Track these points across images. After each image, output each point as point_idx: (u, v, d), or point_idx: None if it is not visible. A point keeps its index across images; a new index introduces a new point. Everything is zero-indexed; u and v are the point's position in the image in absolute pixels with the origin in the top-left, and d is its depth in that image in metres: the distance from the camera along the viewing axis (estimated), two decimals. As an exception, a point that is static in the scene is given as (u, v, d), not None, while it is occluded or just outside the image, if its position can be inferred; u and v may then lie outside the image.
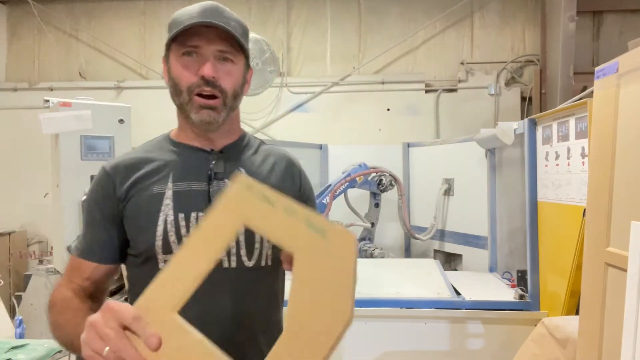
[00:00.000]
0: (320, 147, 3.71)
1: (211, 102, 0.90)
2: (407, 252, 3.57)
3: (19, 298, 3.51)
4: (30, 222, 4.36)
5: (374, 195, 3.29)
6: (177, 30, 0.88)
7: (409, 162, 3.63)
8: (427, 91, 4.15)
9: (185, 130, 0.99)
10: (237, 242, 0.92)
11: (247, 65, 0.99)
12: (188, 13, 0.90)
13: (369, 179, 3.17)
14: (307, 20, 4.26)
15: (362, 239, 3.26)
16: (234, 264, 0.92)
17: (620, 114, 1.17)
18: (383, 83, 4.18)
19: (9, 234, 4.06)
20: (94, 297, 0.93)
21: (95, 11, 4.44)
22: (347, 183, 3.03)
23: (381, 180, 3.18)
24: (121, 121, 2.86)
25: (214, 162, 0.96)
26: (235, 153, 1.00)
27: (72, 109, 2.72)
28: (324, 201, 2.89)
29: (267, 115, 4.22)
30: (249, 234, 0.93)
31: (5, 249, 4.00)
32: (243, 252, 0.92)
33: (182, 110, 0.94)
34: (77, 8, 4.44)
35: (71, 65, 4.48)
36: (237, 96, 0.95)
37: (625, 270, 0.92)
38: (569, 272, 1.97)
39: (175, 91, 0.92)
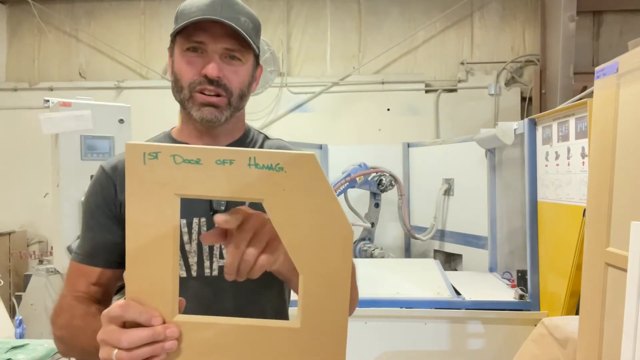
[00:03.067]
0: (320, 147, 3.71)
1: (214, 99, 0.86)
2: (407, 252, 3.57)
3: (19, 298, 3.51)
4: (30, 222, 4.36)
5: (374, 195, 3.29)
6: (181, 25, 0.83)
7: (409, 162, 3.63)
8: (427, 91, 4.15)
9: (187, 127, 0.93)
10: None
11: (257, 63, 0.94)
12: (196, 4, 0.85)
13: (369, 179, 3.17)
14: (307, 20, 4.26)
15: (362, 239, 3.26)
16: None
17: (620, 114, 1.17)
18: (383, 83, 4.18)
19: (9, 234, 4.06)
20: (103, 302, 0.88)
21: (95, 11, 4.44)
22: (347, 183, 3.03)
23: (381, 180, 3.18)
24: (121, 121, 2.86)
25: None
26: None
27: (72, 109, 2.72)
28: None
29: (267, 115, 4.22)
30: None
31: (5, 249, 4.01)
32: None
33: (184, 107, 0.89)
34: (77, 8, 4.44)
35: (71, 65, 4.48)
36: (243, 96, 0.90)
37: (625, 270, 0.92)
38: (569, 272, 1.97)
39: (177, 87, 0.88)
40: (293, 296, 0.84)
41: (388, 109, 4.16)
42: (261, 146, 0.99)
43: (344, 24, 4.25)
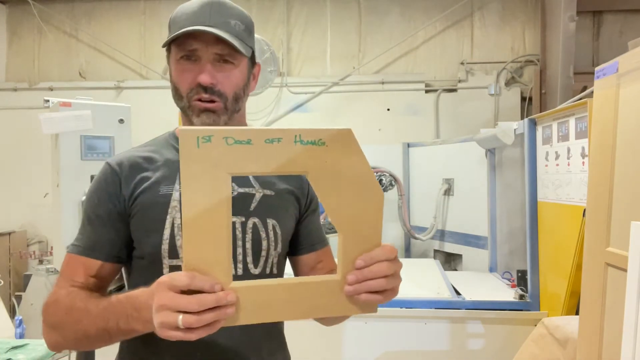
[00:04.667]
0: (320, 147, 3.70)
1: (211, 105, 0.88)
2: (407, 252, 3.57)
3: (19, 298, 3.52)
4: (30, 222, 4.36)
5: (374, 195, 3.28)
6: (171, 37, 0.87)
7: (409, 162, 3.63)
8: (427, 91, 4.15)
9: None
10: (244, 250, 0.90)
11: (252, 63, 0.96)
12: (186, 12, 0.88)
13: (369, 179, 3.17)
14: (307, 20, 4.26)
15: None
16: (240, 272, 0.89)
17: (620, 114, 1.17)
18: (383, 83, 4.17)
19: (9, 234, 4.06)
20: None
21: (95, 11, 4.44)
22: (347, 183, 3.02)
23: (381, 180, 3.18)
24: (121, 121, 2.86)
25: None
26: None
27: (72, 109, 2.72)
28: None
29: (267, 115, 4.22)
30: (256, 242, 0.91)
31: (5, 249, 4.01)
32: (250, 259, 0.90)
33: (185, 114, 0.92)
34: (77, 8, 4.44)
35: (71, 65, 4.48)
36: (238, 99, 0.92)
37: (625, 270, 0.92)
38: (569, 272, 1.97)
39: (177, 95, 0.91)
40: None
41: (388, 109, 4.16)
42: None
43: (344, 24, 4.25)
